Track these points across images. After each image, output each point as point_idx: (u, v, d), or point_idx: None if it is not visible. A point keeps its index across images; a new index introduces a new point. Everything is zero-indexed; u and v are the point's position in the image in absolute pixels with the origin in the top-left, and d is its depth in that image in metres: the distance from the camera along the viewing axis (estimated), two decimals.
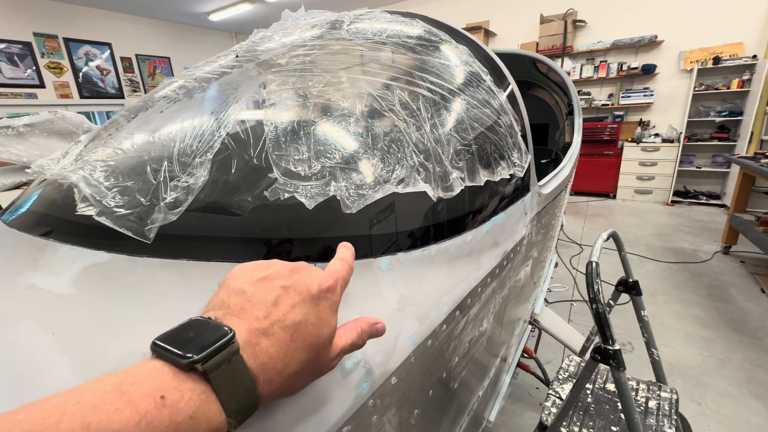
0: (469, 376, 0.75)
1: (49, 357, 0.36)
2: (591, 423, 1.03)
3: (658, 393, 1.15)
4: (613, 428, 1.02)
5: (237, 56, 0.77)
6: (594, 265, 0.94)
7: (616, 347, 0.87)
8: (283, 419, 0.34)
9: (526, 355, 1.52)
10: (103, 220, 0.49)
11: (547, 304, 2.44)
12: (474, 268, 0.65)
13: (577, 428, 1.02)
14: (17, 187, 1.32)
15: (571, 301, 2.64)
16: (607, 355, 0.88)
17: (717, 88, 4.71)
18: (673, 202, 5.10)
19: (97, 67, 6.09)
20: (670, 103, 5.15)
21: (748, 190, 3.21)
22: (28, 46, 5.28)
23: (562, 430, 1.01)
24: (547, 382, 1.63)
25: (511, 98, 0.93)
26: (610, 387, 1.16)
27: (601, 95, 5.58)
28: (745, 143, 4.39)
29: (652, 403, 1.11)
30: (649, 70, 5.05)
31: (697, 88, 4.76)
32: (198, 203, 0.51)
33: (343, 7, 5.26)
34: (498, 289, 0.79)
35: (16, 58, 5.19)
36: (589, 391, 1.15)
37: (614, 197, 5.48)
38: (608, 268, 2.96)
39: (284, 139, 0.55)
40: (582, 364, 1.28)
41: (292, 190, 0.50)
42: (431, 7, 6.47)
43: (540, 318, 1.44)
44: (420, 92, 0.69)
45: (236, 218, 0.51)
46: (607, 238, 1.15)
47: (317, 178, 0.52)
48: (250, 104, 0.61)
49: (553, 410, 1.09)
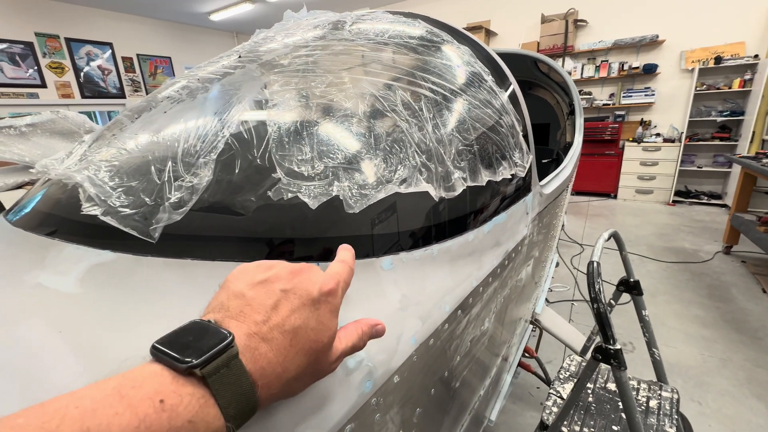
0: (471, 376, 0.76)
1: (56, 355, 0.37)
2: (592, 422, 1.04)
3: (659, 392, 1.16)
4: (614, 428, 1.02)
5: (240, 57, 0.77)
6: (595, 264, 0.94)
7: (617, 347, 0.88)
8: (288, 417, 0.34)
9: (527, 355, 1.52)
10: (108, 219, 0.49)
11: (548, 303, 2.44)
12: (476, 268, 0.66)
13: (578, 427, 1.02)
14: (20, 187, 1.32)
15: (572, 301, 2.64)
16: (608, 355, 0.88)
17: (718, 88, 4.69)
18: (674, 201, 5.09)
19: (99, 67, 6.10)
20: (671, 103, 5.14)
21: (749, 190, 3.21)
22: (29, 46, 5.29)
23: (563, 429, 1.01)
24: (548, 382, 1.63)
25: (513, 98, 0.93)
26: (611, 386, 1.17)
27: (602, 95, 5.58)
28: (747, 143, 4.38)
29: (653, 403, 1.11)
30: (650, 70, 5.04)
31: (698, 88, 4.75)
32: (202, 203, 0.51)
33: (344, 8, 5.27)
34: (499, 289, 0.79)
35: (18, 58, 5.20)
36: (590, 391, 1.15)
37: (615, 197, 5.48)
38: (609, 267, 2.96)
39: (287, 140, 0.55)
40: (583, 364, 1.28)
41: (296, 190, 0.50)
42: (432, 7, 6.47)
43: (541, 317, 1.44)
44: (422, 92, 0.70)
45: (240, 218, 0.52)
46: (608, 238, 1.15)
47: (320, 178, 0.52)
48: (254, 105, 0.62)
49: (554, 409, 1.09)
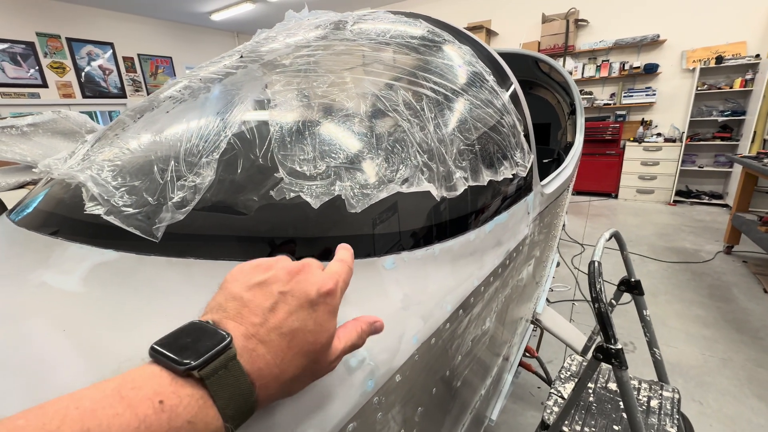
0: (472, 375, 0.76)
1: (60, 353, 0.37)
2: (593, 422, 1.04)
3: (660, 392, 1.16)
4: (615, 427, 1.02)
5: (241, 56, 0.77)
6: (596, 264, 0.94)
7: (618, 346, 0.88)
8: (290, 416, 0.34)
9: (528, 355, 1.52)
10: (111, 219, 0.49)
11: (549, 303, 2.44)
12: (477, 268, 0.66)
13: (579, 427, 1.02)
14: (21, 187, 1.32)
15: (573, 301, 2.64)
16: (610, 355, 0.88)
17: (719, 88, 4.69)
18: (675, 201, 5.08)
19: (100, 67, 6.11)
20: (672, 103, 5.14)
21: (750, 189, 3.20)
22: (30, 46, 5.30)
23: (564, 429, 1.01)
24: (549, 381, 1.63)
25: (514, 98, 0.94)
26: (612, 386, 1.17)
27: (603, 95, 5.57)
28: (748, 143, 4.38)
29: (654, 403, 1.11)
30: (651, 70, 5.03)
31: (699, 88, 4.74)
32: (205, 202, 0.51)
33: (345, 7, 5.27)
34: (501, 289, 0.79)
35: (19, 58, 5.22)
36: (591, 390, 1.15)
37: (616, 197, 5.47)
38: (610, 267, 2.96)
39: (289, 139, 0.55)
40: (584, 364, 1.28)
41: (298, 190, 0.50)
42: (433, 7, 6.47)
43: (542, 317, 1.44)
44: (424, 92, 0.70)
45: (242, 217, 0.52)
46: (609, 238, 1.15)
47: (322, 177, 0.52)
48: (255, 104, 0.62)
49: (555, 409, 1.09)
